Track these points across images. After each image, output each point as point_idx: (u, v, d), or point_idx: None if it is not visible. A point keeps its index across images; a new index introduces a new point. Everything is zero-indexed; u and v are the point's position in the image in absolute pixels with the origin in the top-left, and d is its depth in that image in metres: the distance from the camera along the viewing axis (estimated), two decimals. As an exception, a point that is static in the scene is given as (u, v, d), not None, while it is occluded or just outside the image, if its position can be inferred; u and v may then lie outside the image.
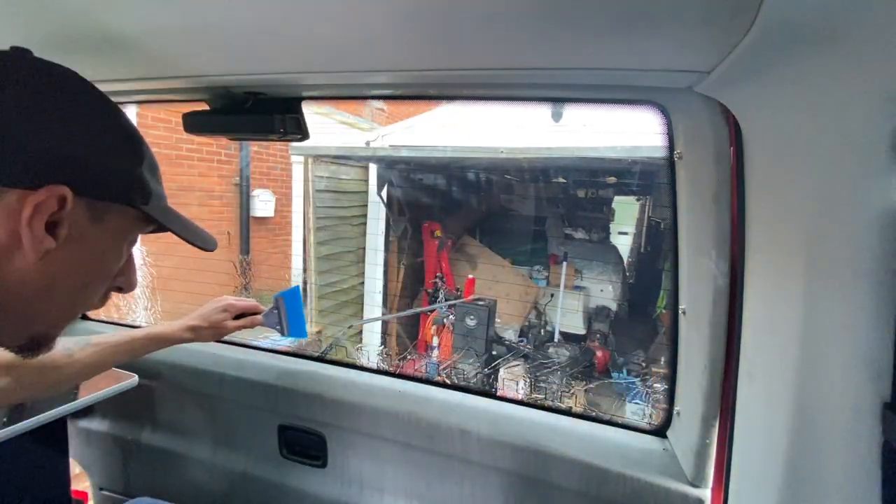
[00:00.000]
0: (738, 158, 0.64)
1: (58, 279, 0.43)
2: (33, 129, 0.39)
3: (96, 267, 0.47)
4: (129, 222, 0.48)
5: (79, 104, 0.43)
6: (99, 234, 0.45)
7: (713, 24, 0.46)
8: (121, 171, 0.45)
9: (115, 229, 0.47)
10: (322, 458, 1.06)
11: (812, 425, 0.51)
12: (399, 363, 4.86)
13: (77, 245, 0.43)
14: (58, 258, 0.42)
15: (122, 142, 0.46)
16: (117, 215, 0.46)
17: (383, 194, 5.43)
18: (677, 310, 0.83)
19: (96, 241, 0.45)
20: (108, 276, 0.49)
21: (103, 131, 0.44)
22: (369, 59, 0.66)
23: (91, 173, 0.42)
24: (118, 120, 0.46)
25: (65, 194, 0.40)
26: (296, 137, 0.88)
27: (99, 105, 0.45)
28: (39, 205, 0.39)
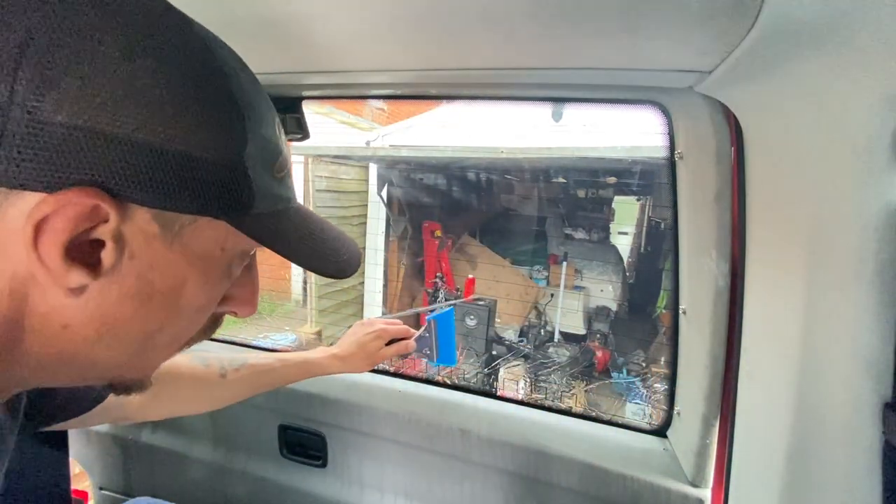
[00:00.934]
0: (738, 158, 0.64)
1: (112, 323, 0.28)
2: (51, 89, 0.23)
3: (175, 302, 0.30)
4: (229, 236, 0.31)
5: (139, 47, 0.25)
6: (175, 256, 0.29)
7: (714, 24, 0.46)
8: (204, 163, 0.27)
9: (203, 248, 0.30)
10: (322, 458, 1.06)
11: (812, 425, 0.51)
12: (399, 363, 4.86)
13: (139, 274, 0.28)
14: (108, 293, 0.27)
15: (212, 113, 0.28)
16: (205, 227, 0.30)
17: (383, 194, 5.43)
18: (678, 310, 0.83)
19: (171, 267, 0.29)
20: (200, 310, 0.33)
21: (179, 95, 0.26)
22: (369, 59, 0.66)
23: (150, 167, 0.26)
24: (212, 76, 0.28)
25: (102, 204, 0.25)
26: (296, 137, 0.88)
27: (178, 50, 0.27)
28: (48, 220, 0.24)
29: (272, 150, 0.32)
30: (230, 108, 0.29)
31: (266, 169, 0.32)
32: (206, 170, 0.28)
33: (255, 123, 0.30)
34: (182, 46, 0.27)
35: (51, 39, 0.23)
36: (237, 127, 0.29)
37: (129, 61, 0.25)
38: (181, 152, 0.26)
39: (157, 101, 0.26)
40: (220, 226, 0.30)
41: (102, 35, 0.25)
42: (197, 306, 0.32)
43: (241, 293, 0.37)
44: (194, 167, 0.27)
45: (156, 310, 0.30)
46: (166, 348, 0.34)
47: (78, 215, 0.25)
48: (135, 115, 0.25)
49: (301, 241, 0.35)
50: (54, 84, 0.23)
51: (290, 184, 0.35)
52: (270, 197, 0.32)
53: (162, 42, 0.27)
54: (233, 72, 0.30)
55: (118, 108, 0.25)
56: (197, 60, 0.28)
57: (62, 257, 0.25)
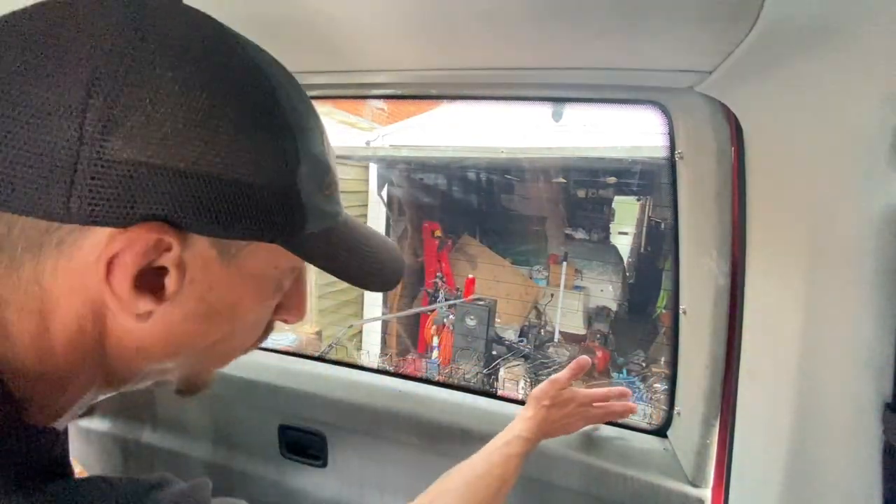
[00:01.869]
0: (739, 158, 0.64)
1: (177, 340, 0.30)
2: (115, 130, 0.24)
3: (232, 318, 0.32)
4: (280, 256, 0.32)
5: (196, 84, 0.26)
6: (231, 277, 0.30)
7: (714, 24, 0.46)
8: (259, 191, 0.28)
9: (257, 269, 0.31)
10: (322, 458, 1.06)
11: (812, 425, 0.51)
12: (399, 363, 4.86)
13: (199, 296, 0.29)
14: (172, 316, 0.29)
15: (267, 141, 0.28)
16: (258, 249, 0.31)
17: (383, 194, 5.43)
18: (678, 310, 0.83)
19: (228, 287, 0.30)
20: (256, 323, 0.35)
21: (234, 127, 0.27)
22: (370, 58, 0.66)
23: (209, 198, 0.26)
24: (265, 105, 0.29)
25: (162, 237, 0.26)
26: (296, 137, 0.87)
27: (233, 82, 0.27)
28: (119, 255, 0.25)
29: (322, 168, 0.33)
30: (283, 131, 0.29)
31: (317, 188, 0.32)
32: (262, 196, 0.28)
33: (306, 143, 0.31)
34: (235, 72, 0.28)
35: (115, 79, 0.24)
36: (290, 150, 0.30)
37: (185, 94, 0.26)
38: (237, 180, 0.27)
39: (213, 131, 0.26)
40: (274, 247, 0.31)
41: (161, 70, 0.25)
42: (253, 320, 0.35)
43: (290, 302, 0.38)
44: (250, 194, 0.28)
45: (216, 326, 0.32)
46: (228, 356, 0.36)
47: (146, 249, 0.26)
48: (194, 147, 0.26)
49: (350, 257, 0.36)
50: (120, 123, 0.24)
51: (338, 198, 0.36)
52: (321, 215, 0.33)
53: (215, 70, 0.27)
54: (284, 93, 0.31)
55: (178, 141, 0.25)
56: (249, 85, 0.29)
57: (131, 288, 0.26)
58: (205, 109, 0.26)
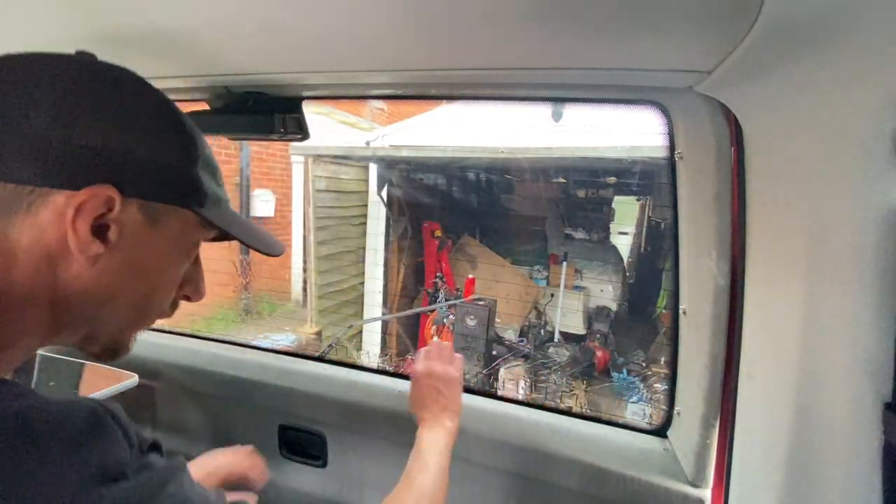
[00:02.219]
0: (738, 158, 0.64)
1: (116, 286, 0.41)
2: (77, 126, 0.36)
3: (156, 273, 0.44)
4: (188, 226, 0.44)
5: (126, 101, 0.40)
6: (155, 237, 0.42)
7: (714, 24, 0.46)
8: (172, 169, 0.42)
9: (173, 233, 0.43)
10: (322, 458, 1.06)
11: (812, 425, 0.51)
12: (399, 363, 4.86)
13: (131, 250, 0.40)
14: (112, 263, 0.39)
15: (175, 138, 0.42)
16: (173, 218, 0.43)
17: (383, 194, 5.43)
18: (678, 310, 0.83)
19: (152, 245, 0.42)
20: (171, 283, 0.46)
21: (153, 128, 0.41)
22: (369, 59, 0.66)
23: (139, 172, 0.39)
24: (171, 116, 0.43)
25: (111, 195, 0.37)
26: (296, 137, 0.88)
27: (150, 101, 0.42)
28: (82, 206, 0.36)
29: (214, 163, 0.47)
30: (185, 133, 0.44)
31: (212, 176, 0.46)
32: (175, 173, 0.42)
33: (201, 144, 0.45)
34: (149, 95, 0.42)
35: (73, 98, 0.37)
36: (192, 145, 0.44)
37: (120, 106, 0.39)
38: (160, 162, 0.41)
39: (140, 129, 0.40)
40: (185, 216, 0.43)
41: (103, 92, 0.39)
42: (169, 278, 0.46)
43: (192, 279, 0.49)
44: (169, 172, 0.42)
45: (143, 278, 0.43)
46: (146, 315, 0.46)
47: (99, 203, 0.37)
48: (128, 138, 0.39)
49: (245, 228, 0.50)
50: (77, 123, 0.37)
51: (225, 189, 0.49)
52: (216, 197, 0.46)
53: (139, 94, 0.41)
54: (182, 114, 0.44)
55: (118, 134, 0.38)
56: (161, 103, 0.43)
57: (89, 232, 0.37)
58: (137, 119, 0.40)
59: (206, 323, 4.95)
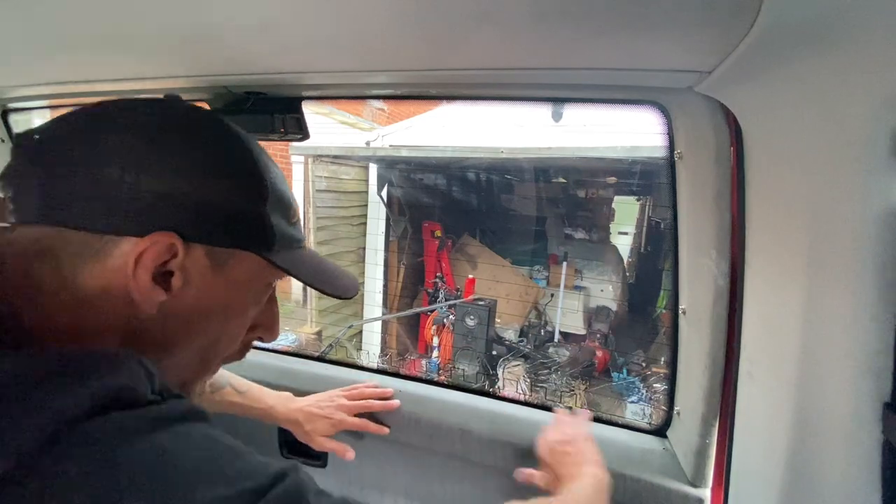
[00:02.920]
0: (738, 158, 0.64)
1: (181, 332, 0.40)
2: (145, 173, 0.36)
3: (223, 318, 0.42)
4: (257, 269, 0.43)
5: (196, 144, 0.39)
6: (222, 281, 0.41)
7: (714, 25, 0.46)
8: (238, 213, 0.40)
9: (241, 276, 0.42)
10: (322, 458, 1.06)
11: (812, 425, 0.51)
12: (399, 363, 4.86)
13: (196, 295, 0.39)
14: (178, 310, 0.39)
15: (241, 180, 0.41)
16: (241, 261, 0.41)
17: (383, 194, 5.43)
18: (677, 310, 0.83)
19: (218, 290, 0.41)
20: (239, 326, 0.45)
21: (219, 170, 0.39)
22: (369, 59, 0.66)
23: (203, 217, 0.38)
24: (240, 157, 0.41)
25: (173, 242, 0.36)
26: (296, 137, 0.88)
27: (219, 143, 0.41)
28: (143, 254, 0.36)
29: (286, 201, 0.45)
30: (255, 172, 0.42)
31: (283, 216, 0.44)
32: (241, 217, 0.40)
33: (272, 181, 0.43)
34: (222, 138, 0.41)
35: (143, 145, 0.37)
36: (260, 185, 0.42)
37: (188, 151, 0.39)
38: (224, 205, 0.39)
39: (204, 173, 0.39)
40: (253, 260, 0.42)
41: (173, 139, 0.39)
42: (236, 323, 0.45)
43: (265, 322, 0.49)
44: (233, 215, 0.40)
45: (209, 323, 0.42)
46: (213, 360, 0.45)
47: (161, 251, 0.37)
48: (191, 183, 0.38)
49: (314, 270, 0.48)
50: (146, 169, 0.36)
51: (300, 228, 0.48)
52: (287, 238, 0.44)
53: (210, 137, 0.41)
54: (254, 147, 0.43)
55: (182, 179, 0.37)
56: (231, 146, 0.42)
57: (150, 280, 0.36)
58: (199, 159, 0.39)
59: (206, 323, 4.95)
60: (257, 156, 0.43)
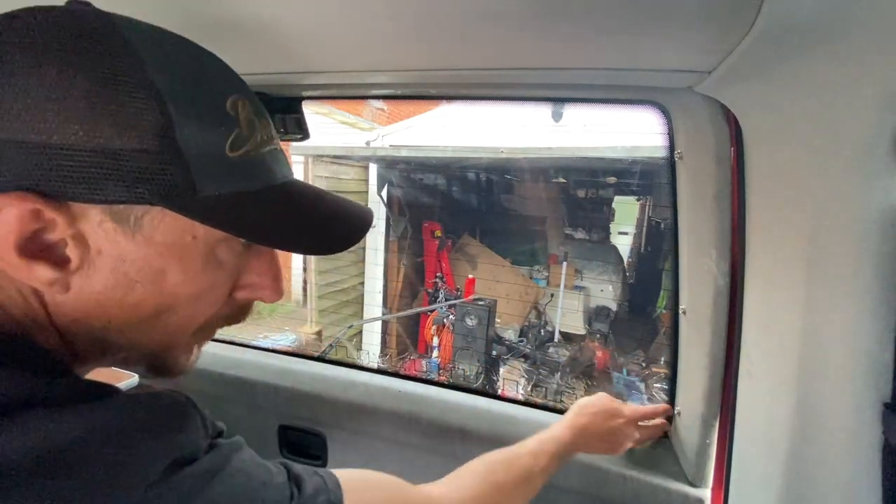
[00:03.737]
0: (738, 158, 0.64)
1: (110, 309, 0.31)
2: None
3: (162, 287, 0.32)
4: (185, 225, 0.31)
5: (48, 60, 0.27)
6: (141, 245, 0.30)
7: (714, 24, 0.46)
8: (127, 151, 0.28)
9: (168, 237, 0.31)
10: (322, 458, 1.06)
11: (812, 425, 0.51)
12: (399, 363, 4.86)
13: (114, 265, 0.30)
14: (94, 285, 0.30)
15: (126, 100, 0.28)
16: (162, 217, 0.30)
17: (383, 194, 5.43)
18: (677, 310, 0.83)
19: (141, 255, 0.31)
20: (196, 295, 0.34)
21: (87, 94, 0.27)
22: (369, 59, 0.66)
23: (70, 166, 0.27)
24: (123, 68, 0.28)
25: (35, 206, 0.27)
26: (296, 137, 0.88)
27: (86, 53, 0.28)
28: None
29: (221, 130, 0.32)
30: (148, 96, 0.29)
31: (215, 147, 0.31)
32: (130, 159, 0.28)
33: (187, 105, 0.30)
34: (92, 46, 0.28)
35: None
36: (157, 113, 0.29)
37: (36, 70, 0.26)
38: (101, 147, 0.27)
39: (69, 104, 0.27)
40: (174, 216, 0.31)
41: (11, 53, 0.27)
42: (190, 293, 0.34)
43: (261, 280, 0.38)
44: (117, 159, 0.28)
45: (146, 297, 0.32)
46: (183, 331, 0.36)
47: (20, 218, 0.27)
48: (49, 121, 0.26)
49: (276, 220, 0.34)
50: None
51: (261, 162, 0.35)
52: (224, 178, 0.32)
53: (70, 46, 0.27)
54: (158, 61, 0.30)
55: (32, 116, 0.26)
56: (109, 56, 0.28)
57: (19, 256, 0.27)
58: (57, 84, 0.26)
59: (206, 323, 4.95)
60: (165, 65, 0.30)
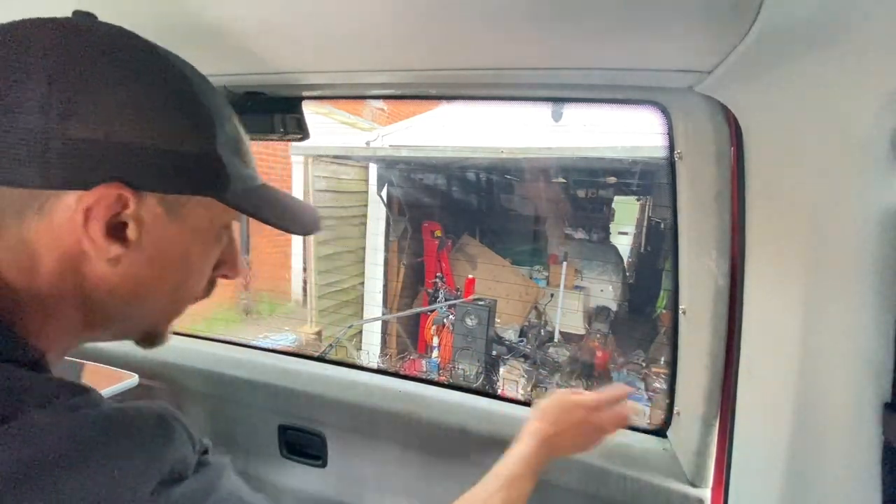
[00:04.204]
0: (738, 158, 0.64)
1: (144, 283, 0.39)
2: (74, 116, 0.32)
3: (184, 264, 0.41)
4: (214, 212, 0.41)
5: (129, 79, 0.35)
6: (180, 228, 0.39)
7: (713, 24, 0.46)
8: (188, 156, 0.37)
9: (199, 221, 0.40)
10: (322, 458, 1.06)
11: (812, 425, 0.51)
12: (399, 363, 4.86)
13: (156, 245, 0.38)
14: (137, 261, 0.37)
15: (188, 120, 0.38)
16: (197, 206, 0.39)
17: (383, 194, 5.43)
18: (677, 310, 0.83)
19: (177, 238, 0.39)
20: (202, 270, 0.44)
21: (162, 110, 0.36)
22: (369, 59, 0.66)
23: (151, 164, 0.35)
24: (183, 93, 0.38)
25: (122, 193, 0.34)
26: (296, 137, 0.88)
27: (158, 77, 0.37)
28: (92, 209, 0.33)
29: (237, 141, 0.42)
30: (201, 112, 0.39)
31: (235, 155, 0.41)
32: (192, 160, 0.38)
33: (222, 121, 0.40)
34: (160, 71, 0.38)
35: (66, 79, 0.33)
36: (209, 126, 0.39)
37: (124, 87, 0.35)
38: (173, 149, 0.36)
39: (147, 114, 0.35)
40: (209, 203, 0.40)
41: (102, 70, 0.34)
42: (199, 267, 0.43)
43: (227, 259, 0.47)
44: (183, 159, 0.37)
45: (170, 272, 0.40)
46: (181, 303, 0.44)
47: (111, 203, 0.34)
48: (134, 126, 0.34)
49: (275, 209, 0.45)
50: (74, 112, 0.33)
51: (254, 166, 0.45)
52: (241, 177, 0.42)
53: (146, 71, 0.37)
54: (199, 86, 0.40)
55: (122, 123, 0.34)
56: (172, 80, 0.38)
57: (104, 235, 0.34)
58: (140, 99, 0.35)
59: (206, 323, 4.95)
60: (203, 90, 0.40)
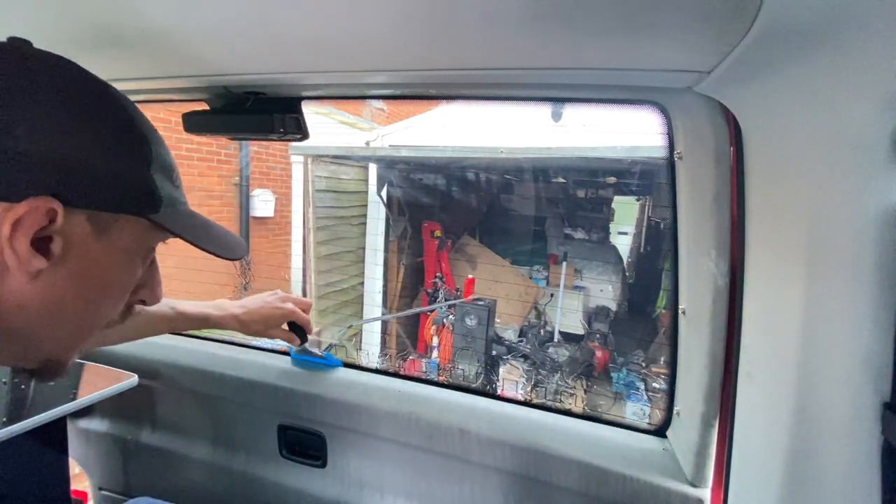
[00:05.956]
0: (738, 158, 0.64)
1: (60, 301, 0.38)
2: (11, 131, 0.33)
3: (105, 285, 0.41)
4: (141, 232, 0.41)
5: (69, 99, 0.36)
6: (105, 248, 0.39)
7: (713, 24, 0.46)
8: (122, 175, 0.38)
9: (124, 242, 0.40)
10: (322, 458, 1.06)
11: (812, 425, 0.51)
12: (399, 363, 4.86)
13: (78, 262, 0.38)
14: (57, 278, 0.37)
15: (124, 141, 0.39)
16: (125, 226, 0.40)
17: (383, 194, 5.43)
18: (677, 310, 0.83)
19: (102, 256, 0.39)
20: (121, 293, 0.43)
21: (99, 130, 0.37)
22: (369, 59, 0.66)
23: (85, 181, 0.36)
24: (119, 116, 0.40)
25: (53, 207, 0.34)
26: (296, 137, 0.88)
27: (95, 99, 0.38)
28: (20, 221, 0.33)
29: (169, 165, 0.44)
30: (136, 134, 0.40)
31: (167, 179, 0.43)
32: (125, 179, 0.39)
33: (156, 145, 0.42)
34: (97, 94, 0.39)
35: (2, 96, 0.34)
36: (143, 147, 0.41)
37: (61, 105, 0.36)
38: (105, 167, 0.37)
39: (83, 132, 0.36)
40: (138, 223, 0.41)
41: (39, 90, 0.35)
42: (119, 288, 0.43)
43: (148, 282, 0.47)
44: (116, 177, 0.38)
45: (91, 290, 0.40)
46: (93, 327, 0.43)
47: (40, 216, 0.34)
48: (69, 143, 0.35)
49: (203, 231, 0.47)
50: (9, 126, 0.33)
51: (182, 190, 0.47)
52: (172, 199, 0.43)
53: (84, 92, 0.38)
54: (133, 111, 0.42)
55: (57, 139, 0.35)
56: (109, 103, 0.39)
57: (29, 247, 0.34)
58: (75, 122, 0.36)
59: (205, 323, 4.95)
60: (137, 116, 0.41)
